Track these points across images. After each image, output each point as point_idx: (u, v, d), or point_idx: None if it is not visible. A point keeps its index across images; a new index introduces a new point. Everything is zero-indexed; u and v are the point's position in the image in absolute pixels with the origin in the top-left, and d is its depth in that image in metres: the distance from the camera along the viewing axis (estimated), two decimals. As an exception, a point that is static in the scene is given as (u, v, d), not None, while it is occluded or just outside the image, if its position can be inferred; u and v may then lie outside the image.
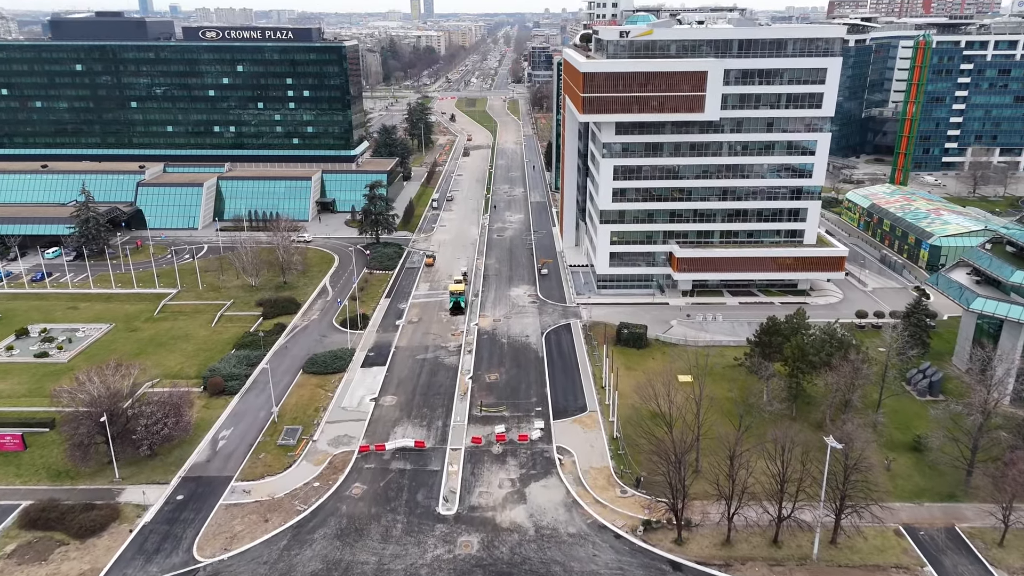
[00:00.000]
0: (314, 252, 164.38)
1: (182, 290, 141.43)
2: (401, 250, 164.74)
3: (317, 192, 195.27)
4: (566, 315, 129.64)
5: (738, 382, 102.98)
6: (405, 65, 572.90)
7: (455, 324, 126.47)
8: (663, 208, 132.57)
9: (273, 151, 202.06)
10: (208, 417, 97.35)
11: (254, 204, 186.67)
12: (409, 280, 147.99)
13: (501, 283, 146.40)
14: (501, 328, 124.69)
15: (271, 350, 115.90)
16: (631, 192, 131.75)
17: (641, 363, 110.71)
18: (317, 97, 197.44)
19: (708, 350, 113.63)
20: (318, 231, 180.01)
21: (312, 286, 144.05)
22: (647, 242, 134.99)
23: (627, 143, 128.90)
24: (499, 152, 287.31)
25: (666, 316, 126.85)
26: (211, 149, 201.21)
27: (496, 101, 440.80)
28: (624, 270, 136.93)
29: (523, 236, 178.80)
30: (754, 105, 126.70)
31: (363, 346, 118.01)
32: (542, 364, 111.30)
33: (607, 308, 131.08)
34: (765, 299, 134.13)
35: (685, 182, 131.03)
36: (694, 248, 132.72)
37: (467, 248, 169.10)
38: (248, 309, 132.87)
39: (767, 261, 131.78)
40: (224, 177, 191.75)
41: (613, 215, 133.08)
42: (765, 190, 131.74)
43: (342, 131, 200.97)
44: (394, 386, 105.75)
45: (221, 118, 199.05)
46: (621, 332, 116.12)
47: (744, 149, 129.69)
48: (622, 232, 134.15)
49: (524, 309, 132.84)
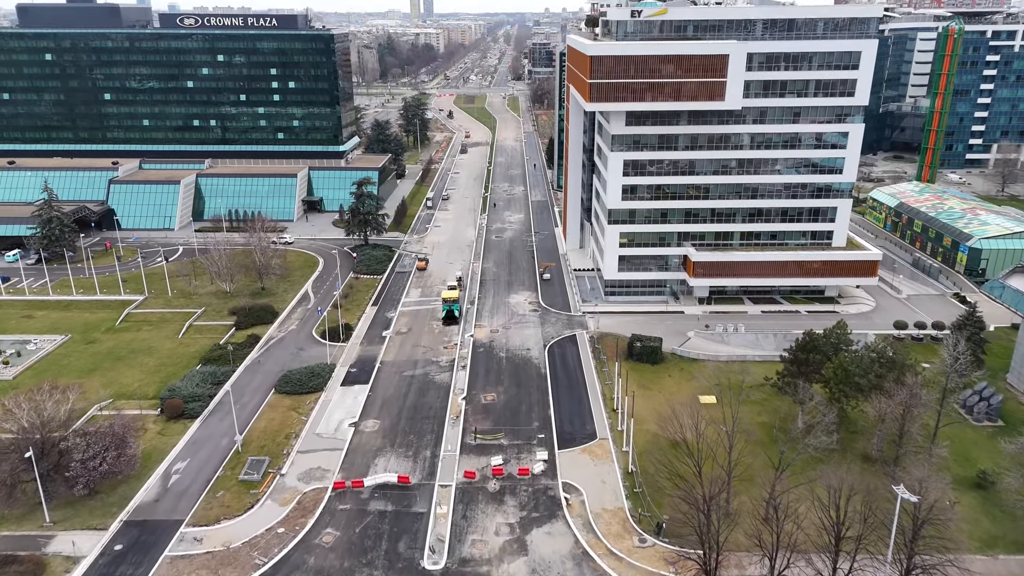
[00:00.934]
0: (297, 255, 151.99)
1: (149, 297, 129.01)
2: (391, 253, 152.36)
3: (303, 190, 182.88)
4: (571, 325, 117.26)
5: (768, 404, 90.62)
6: (403, 62, 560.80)
7: (448, 336, 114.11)
8: (677, 207, 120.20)
9: (257, 146, 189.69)
10: (162, 446, 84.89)
11: (236, 203, 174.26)
12: (399, 285, 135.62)
13: (499, 289, 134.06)
14: (499, 340, 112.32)
15: (241, 366, 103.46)
16: (642, 189, 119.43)
17: (657, 381, 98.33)
18: (304, 89, 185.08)
19: (730, 366, 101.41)
20: (303, 231, 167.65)
21: (293, 292, 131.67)
22: (659, 244, 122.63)
23: (638, 135, 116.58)
24: (498, 149, 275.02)
25: (682, 327, 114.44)
26: (190, 144, 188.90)
27: (495, 98, 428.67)
28: (634, 275, 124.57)
29: (523, 237, 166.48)
30: (779, 93, 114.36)
31: (344, 361, 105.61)
32: (545, 382, 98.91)
33: (616, 317, 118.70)
34: (790, 307, 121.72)
35: (702, 178, 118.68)
36: (712, 251, 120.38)
37: (463, 250, 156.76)
38: (220, 318, 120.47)
39: (792, 266, 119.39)
40: (204, 174, 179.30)
41: (622, 215, 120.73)
42: (790, 187, 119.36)
43: (330, 125, 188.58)
44: (377, 408, 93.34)
45: (201, 111, 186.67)
46: (633, 345, 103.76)
47: (767, 142, 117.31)
48: (632, 233, 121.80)
49: (524, 318, 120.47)
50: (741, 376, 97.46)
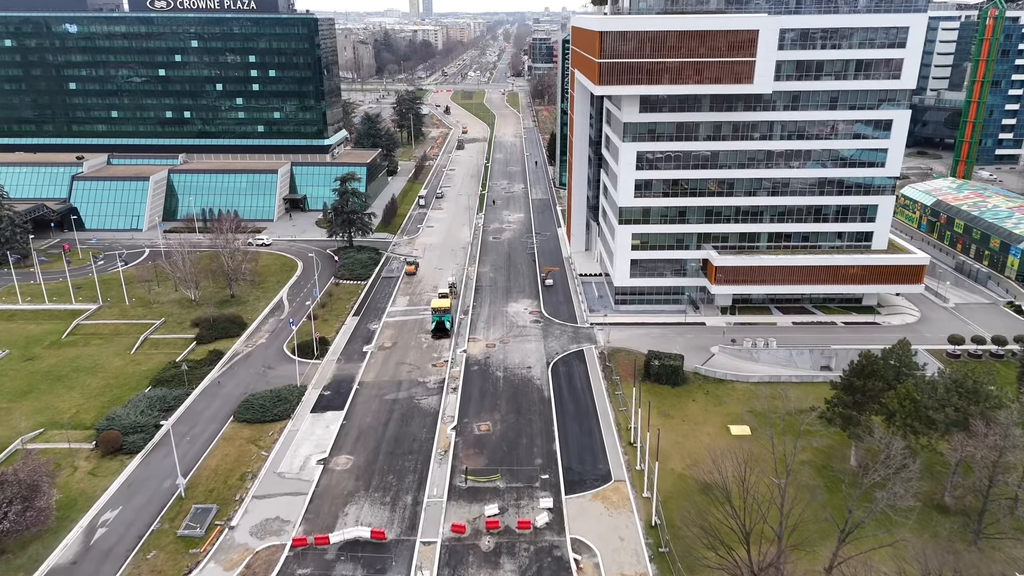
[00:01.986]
0: (274, 258, 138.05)
1: (104, 306, 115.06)
2: (378, 255, 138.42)
3: (285, 187, 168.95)
4: (577, 339, 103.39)
5: (814, 438, 76.73)
6: (399, 58, 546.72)
7: (438, 351, 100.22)
8: (697, 205, 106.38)
9: (235, 140, 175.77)
10: (91, 489, 70.98)
11: (211, 201, 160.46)
12: (385, 292, 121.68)
13: (497, 297, 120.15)
14: (496, 356, 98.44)
15: (197, 388, 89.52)
16: (658, 185, 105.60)
17: (679, 407, 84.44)
18: (286, 78, 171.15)
19: (763, 388, 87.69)
20: (283, 232, 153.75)
21: (266, 300, 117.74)
22: (677, 247, 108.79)
23: (654, 123, 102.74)
24: (497, 145, 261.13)
25: (704, 341, 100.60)
26: (163, 138, 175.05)
27: (495, 94, 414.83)
28: (648, 281, 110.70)
29: (523, 239, 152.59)
30: (815, 75, 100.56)
31: (317, 382, 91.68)
32: (549, 408, 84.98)
33: (628, 330, 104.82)
34: (824, 318, 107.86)
35: (726, 172, 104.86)
36: (736, 254, 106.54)
37: (457, 253, 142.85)
38: (181, 331, 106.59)
39: (827, 271, 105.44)
40: (177, 170, 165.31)
41: (635, 213, 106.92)
42: (825, 183, 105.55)
43: (315, 117, 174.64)
44: (352, 440, 79.40)
45: (174, 102, 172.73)
46: (651, 364, 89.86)
47: (800, 131, 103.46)
48: (646, 234, 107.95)
49: (525, 330, 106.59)
50: (779, 402, 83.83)
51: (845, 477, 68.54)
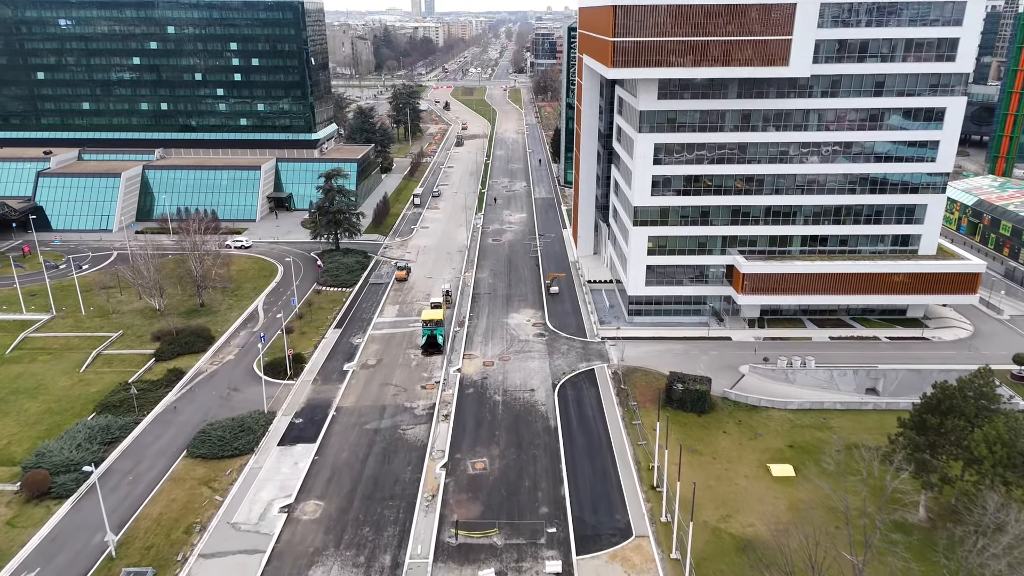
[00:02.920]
0: (252, 261, 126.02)
1: (58, 316, 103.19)
2: (366, 259, 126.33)
3: (269, 185, 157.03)
4: (587, 355, 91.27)
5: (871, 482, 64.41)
6: (399, 54, 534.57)
7: (428, 370, 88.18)
8: (723, 204, 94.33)
9: (216, 134, 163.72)
10: (7, 545, 59.04)
11: (189, 200, 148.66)
12: (372, 301, 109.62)
13: (496, 306, 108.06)
14: (495, 376, 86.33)
15: (149, 415, 77.56)
16: (677, 181, 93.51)
17: (709, 440, 72.33)
18: (270, 67, 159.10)
19: (803, 416, 75.73)
20: (266, 232, 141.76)
21: (239, 309, 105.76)
22: (699, 251, 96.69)
23: (674, 111, 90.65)
24: (498, 142, 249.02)
25: (731, 359, 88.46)
26: (138, 132, 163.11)
27: (496, 90, 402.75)
28: (666, 290, 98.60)
29: (526, 241, 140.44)
30: (858, 57, 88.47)
31: (288, 407, 79.64)
32: (555, 440, 72.90)
33: (645, 345, 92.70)
34: (865, 332, 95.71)
35: (755, 167, 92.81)
36: (766, 260, 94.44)
37: (453, 257, 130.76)
38: (140, 345, 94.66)
39: (869, 279, 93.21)
40: (152, 166, 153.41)
41: (651, 214, 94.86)
42: (868, 179, 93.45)
43: (301, 110, 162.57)
44: (324, 481, 67.37)
45: (150, 92, 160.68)
46: (673, 388, 77.74)
47: (840, 121, 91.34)
48: (664, 237, 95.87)
49: (528, 346, 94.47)
50: (819, 431, 72.06)
51: (918, 533, 56.47)
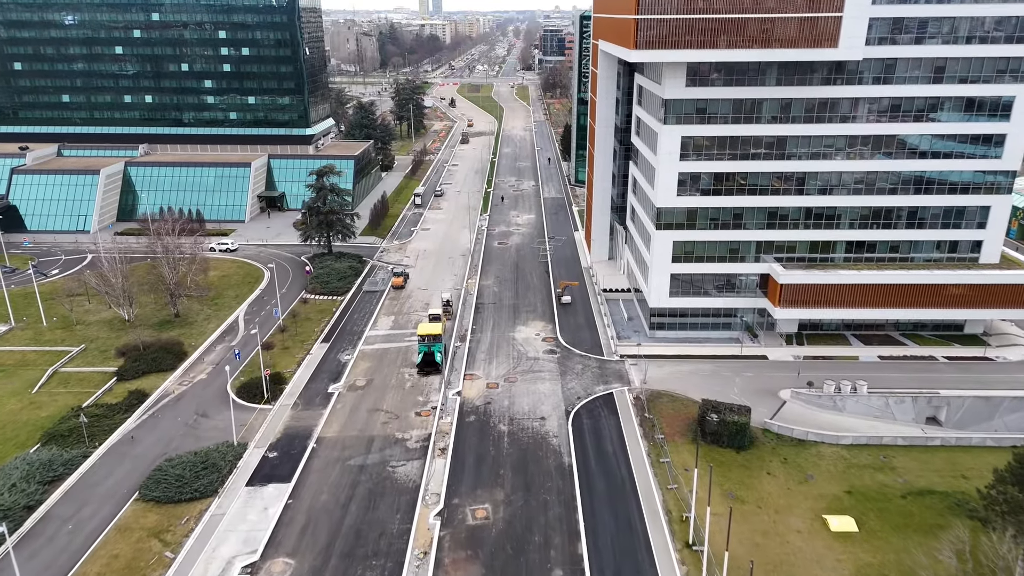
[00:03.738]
0: (237, 266, 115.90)
1: (16, 328, 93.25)
2: (361, 264, 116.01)
3: (261, 183, 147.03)
4: (604, 376, 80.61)
5: (946, 534, 53.63)
6: (405, 51, 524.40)
7: (424, 392, 77.72)
8: (758, 205, 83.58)
9: (204, 129, 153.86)
10: (-94, 617, 48.90)
11: (173, 199, 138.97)
12: (364, 311, 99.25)
13: (502, 318, 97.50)
14: (500, 401, 75.79)
15: (103, 446, 67.38)
16: (707, 180, 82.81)
17: (751, 484, 61.55)
18: (261, 57, 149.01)
19: (859, 453, 64.96)
20: (255, 234, 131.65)
21: (218, 320, 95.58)
22: (730, 259, 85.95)
23: (704, 100, 79.94)
24: (505, 139, 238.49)
25: (769, 382, 77.67)
26: (121, 126, 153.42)
27: (503, 88, 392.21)
28: (692, 302, 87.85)
29: (534, 245, 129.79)
30: (916, 38, 77.61)
31: (262, 438, 69.28)
32: (570, 483, 62.29)
33: (670, 365, 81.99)
34: (918, 350, 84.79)
35: (795, 164, 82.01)
36: (807, 269, 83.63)
37: (455, 262, 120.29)
38: (102, 361, 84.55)
39: (925, 291, 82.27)
40: (135, 163, 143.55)
41: (677, 216, 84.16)
42: (924, 178, 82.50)
43: (295, 103, 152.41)
44: (296, 532, 56.91)
45: (133, 84, 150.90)
46: (707, 419, 67.01)
47: (894, 111, 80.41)
48: (691, 243, 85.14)
49: (537, 364, 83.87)
50: (880, 473, 61.38)
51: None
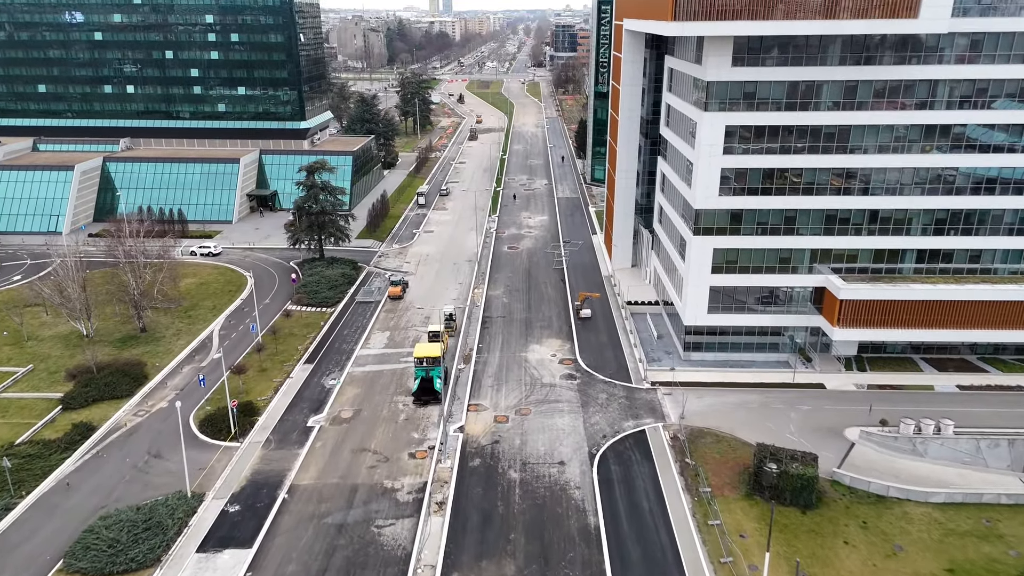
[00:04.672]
0: (218, 272, 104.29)
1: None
2: (355, 271, 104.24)
3: (251, 180, 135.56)
4: (634, 409, 68.31)
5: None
6: (413, 47, 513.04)
7: (420, 427, 65.67)
8: (814, 207, 71.10)
9: (191, 122, 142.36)
10: None
11: (155, 197, 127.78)
12: (356, 326, 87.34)
13: (513, 334, 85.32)
14: (509, 440, 63.65)
15: (30, 496, 55.68)
16: (755, 177, 70.43)
17: (824, 556, 49.05)
18: (252, 43, 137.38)
19: (958, 516, 52.36)
20: (242, 237, 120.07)
21: (189, 335, 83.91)
22: (780, 269, 73.50)
23: (754, 82, 67.62)
24: (515, 136, 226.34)
25: (829, 417, 65.22)
26: (101, 119, 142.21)
27: (514, 84, 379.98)
28: (735, 319, 75.45)
29: (548, 250, 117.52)
30: (1008, 8, 64.99)
31: (223, 486, 57.32)
32: (598, 552, 50.02)
33: (711, 395, 69.66)
34: (1002, 378, 72.13)
35: (860, 158, 69.55)
36: (871, 283, 71.14)
37: (460, 268, 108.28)
38: (49, 386, 72.96)
39: (1012, 309, 69.70)
40: (114, 158, 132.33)
41: (719, 220, 71.85)
42: (1013, 177, 69.86)
43: (289, 93, 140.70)
44: (252, 620, 45.07)
45: (114, 74, 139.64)
46: (763, 468, 54.61)
47: (980, 96, 67.80)
48: (734, 251, 72.77)
49: (554, 393, 71.65)
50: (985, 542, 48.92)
51: None
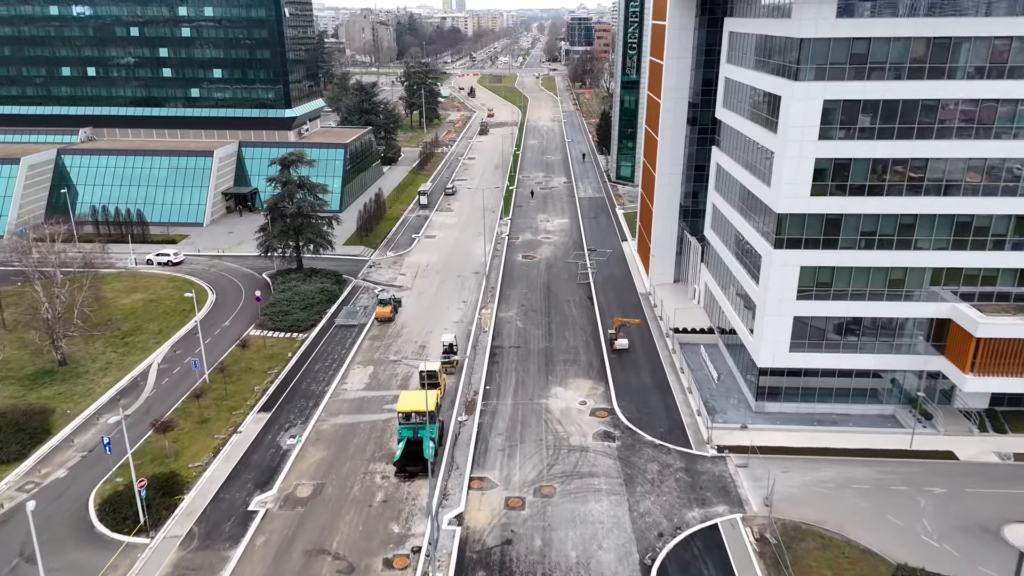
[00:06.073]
0: (174, 286, 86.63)
1: None
2: (338, 284, 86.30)
3: (228, 176, 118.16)
4: (697, 488, 49.71)
5: None
6: (423, 41, 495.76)
7: (402, 517, 47.39)
8: (937, 212, 52.34)
9: (161, 109, 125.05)
10: None
11: (117, 195, 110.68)
12: (332, 358, 69.32)
13: (529, 372, 66.93)
14: (526, 539, 45.28)
15: None
16: (860, 171, 51.82)
17: None
18: (229, 18, 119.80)
19: None
20: (213, 241, 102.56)
21: (121, 369, 66.24)
22: (889, 295, 54.81)
23: (865, 40, 49.08)
24: (530, 131, 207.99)
25: (975, 507, 46.48)
26: (58, 105, 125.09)
27: (527, 78, 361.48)
28: (826, 359, 56.75)
29: (571, 260, 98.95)
30: None
31: (108, 618, 39.51)
32: None
33: (801, 467, 50.99)
34: None
35: (1006, 145, 50.71)
36: (1014, 315, 52.34)
37: (466, 283, 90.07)
38: (-82, 442, 55.37)
39: None
40: (69, 151, 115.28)
41: (810, 228, 53.22)
42: None
43: (272, 78, 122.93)
44: None
45: (73, 54, 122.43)
46: (911, 610, 36.10)
47: None
48: (828, 269, 54.16)
49: (586, 461, 53.09)
50: None
51: None
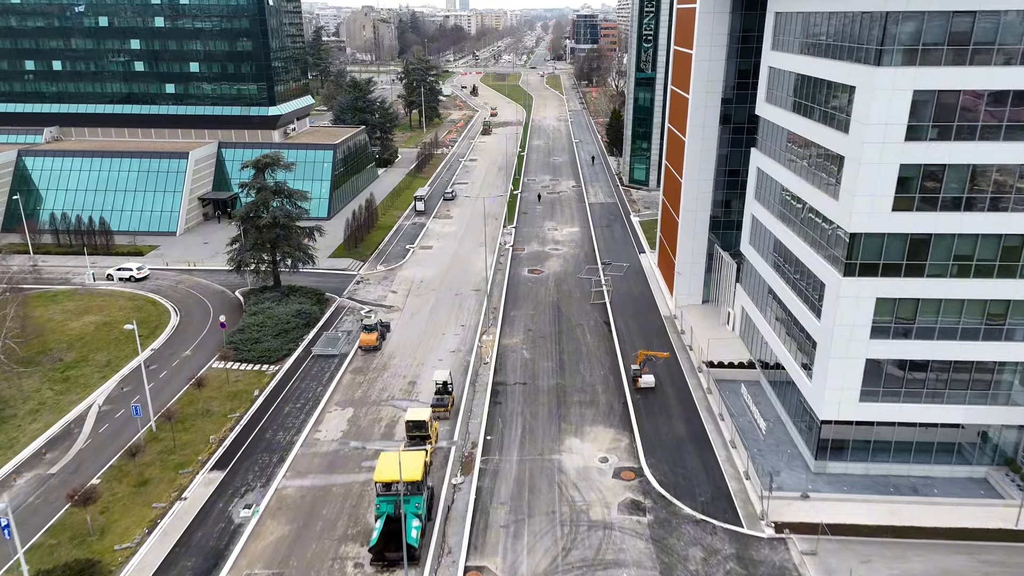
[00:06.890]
0: (134, 306, 76.24)
1: None
2: (320, 305, 75.81)
3: (205, 180, 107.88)
4: (751, 580, 39.21)
5: None
6: (425, 39, 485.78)
7: (379, 622, 37.00)
8: (1054, 232, 41.81)
9: (134, 107, 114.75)
10: None
11: (83, 201, 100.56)
12: (305, 397, 58.80)
13: (538, 417, 56.23)
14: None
15: None
16: (955, 180, 41.19)
17: None
18: (207, 7, 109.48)
19: None
20: (185, 252, 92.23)
21: (56, 411, 55.90)
22: (985, 333, 44.11)
23: (969, 14, 38.40)
24: (535, 130, 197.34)
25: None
26: (25, 103, 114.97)
27: (532, 77, 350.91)
28: (903, 409, 46.09)
29: (583, 275, 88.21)
30: None
31: None
32: None
33: (879, 551, 40.33)
34: None
35: None
36: None
37: (465, 301, 79.42)
38: None
39: None
40: (32, 152, 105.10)
41: (890, 251, 42.61)
42: None
43: (254, 72, 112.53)
44: None
45: (37, 45, 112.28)
46: None
47: None
48: (911, 302, 43.51)
49: (610, 544, 42.41)
50: None
51: None
